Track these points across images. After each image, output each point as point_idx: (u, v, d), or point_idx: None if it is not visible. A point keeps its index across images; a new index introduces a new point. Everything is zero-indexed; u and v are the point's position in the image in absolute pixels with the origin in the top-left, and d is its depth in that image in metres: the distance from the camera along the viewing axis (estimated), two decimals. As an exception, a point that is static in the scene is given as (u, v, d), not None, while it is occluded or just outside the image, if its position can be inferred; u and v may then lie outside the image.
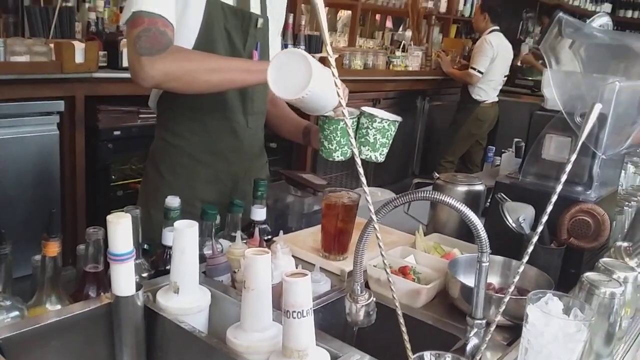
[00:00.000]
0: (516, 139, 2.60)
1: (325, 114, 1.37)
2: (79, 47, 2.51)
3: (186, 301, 1.04)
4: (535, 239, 0.93)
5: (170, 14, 1.31)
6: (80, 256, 1.15)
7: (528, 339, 0.81)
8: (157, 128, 1.58)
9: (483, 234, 0.94)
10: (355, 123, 1.38)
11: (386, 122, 1.37)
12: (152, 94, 1.55)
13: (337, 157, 1.39)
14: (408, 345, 0.84)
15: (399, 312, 0.89)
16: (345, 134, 1.35)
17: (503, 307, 0.92)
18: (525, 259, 0.92)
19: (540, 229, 0.93)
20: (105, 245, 0.97)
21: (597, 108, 0.78)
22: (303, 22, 3.70)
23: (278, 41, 1.68)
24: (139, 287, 0.99)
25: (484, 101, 4.89)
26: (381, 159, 1.39)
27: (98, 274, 1.06)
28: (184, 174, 1.52)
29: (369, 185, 0.82)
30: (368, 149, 1.37)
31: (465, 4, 6.02)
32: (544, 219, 0.92)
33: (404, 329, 0.81)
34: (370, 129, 1.36)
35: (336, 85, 0.70)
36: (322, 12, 0.63)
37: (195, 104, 1.47)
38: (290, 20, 3.51)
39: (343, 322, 1.09)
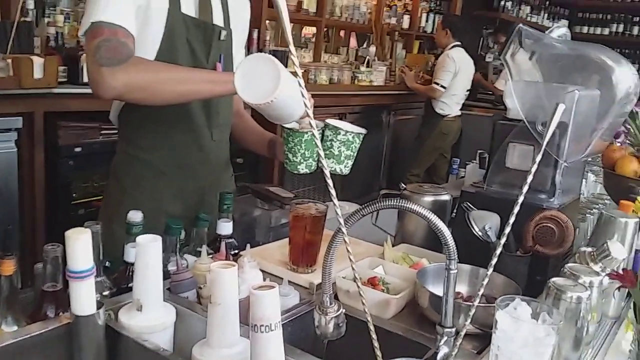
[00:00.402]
0: (479, 151, 2.64)
1: (290, 127, 1.37)
2: (38, 62, 2.45)
3: (150, 319, 1.01)
4: (501, 246, 0.94)
5: (130, 24, 1.28)
6: (38, 275, 1.10)
7: (498, 345, 0.81)
8: (118, 142, 1.54)
9: (450, 241, 0.94)
10: (319, 135, 1.38)
11: (350, 134, 1.37)
12: (112, 107, 1.52)
13: (302, 169, 1.37)
14: (378, 353, 0.83)
15: (370, 323, 0.88)
16: (309, 147, 1.35)
17: (472, 315, 0.92)
18: (493, 262, 0.92)
19: (506, 233, 0.93)
20: (64, 263, 0.94)
21: (561, 108, 0.79)
22: (268, 38, 3.71)
23: (242, 54, 1.66)
24: (99, 305, 0.95)
25: (448, 115, 4.97)
26: (346, 171, 1.39)
27: (57, 293, 1.02)
28: (147, 187, 1.49)
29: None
30: (333, 162, 1.36)
31: (427, 21, 6.13)
32: (510, 225, 0.93)
33: (374, 336, 0.80)
34: (335, 142, 1.35)
35: (301, 86, 0.69)
36: (284, 11, 0.63)
37: (158, 117, 1.45)
38: (255, 36, 3.51)
39: (312, 335, 1.07)
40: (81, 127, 2.70)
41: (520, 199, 0.91)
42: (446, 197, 1.60)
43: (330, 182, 0.78)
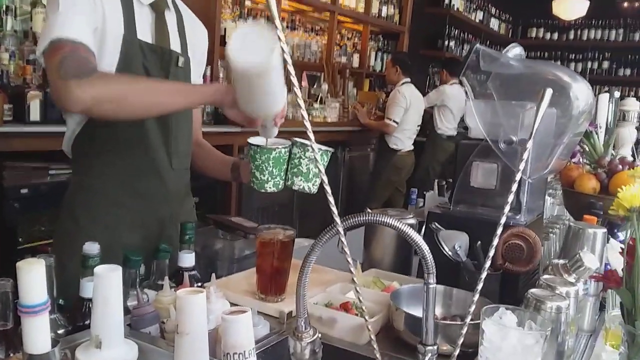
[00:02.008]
0: (437, 179, 2.67)
1: (257, 144, 1.34)
2: (-19, 101, 2.35)
3: (110, 356, 0.93)
4: (487, 265, 0.91)
5: (90, 42, 1.26)
6: (-16, 315, 1.01)
7: (486, 357, 0.78)
8: (72, 173, 1.47)
9: (428, 254, 0.91)
10: (287, 153, 1.36)
11: (319, 151, 1.34)
12: (66, 136, 1.45)
13: (270, 188, 1.34)
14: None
15: (377, 350, 0.83)
16: (277, 164, 1.32)
17: (462, 339, 0.88)
18: (479, 286, 0.90)
19: (491, 254, 0.91)
20: (15, 299, 0.86)
21: (549, 93, 0.79)
22: (221, 75, 3.69)
23: (200, 83, 1.63)
24: (55, 343, 0.87)
25: (401, 150, 5.05)
26: (314, 189, 1.36)
27: (7, 332, 0.94)
28: (103, 219, 1.42)
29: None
30: (301, 179, 1.33)
31: (376, 59, 6.27)
32: (494, 244, 0.91)
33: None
34: (303, 159, 1.33)
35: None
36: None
37: (114, 145, 1.39)
38: (208, 72, 3.49)
39: (286, 365, 1.01)
40: (28, 168, 2.58)
41: (503, 219, 0.90)
42: (412, 221, 1.58)
43: (331, 200, 0.76)
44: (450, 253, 1.34)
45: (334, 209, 0.76)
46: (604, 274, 0.95)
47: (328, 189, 0.76)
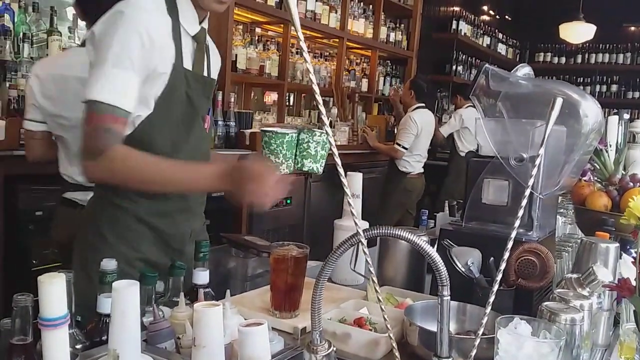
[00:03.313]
0: (447, 200, 2.67)
1: (270, 130, 1.47)
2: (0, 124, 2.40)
3: (128, 370, 0.94)
4: (498, 279, 0.92)
5: (126, 104, 1.31)
6: (4, 330, 1.03)
7: (502, 367, 0.78)
8: (99, 189, 1.52)
9: (442, 267, 0.92)
10: (296, 138, 1.44)
11: (324, 134, 1.46)
12: None
13: (283, 170, 1.44)
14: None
15: (397, 351, 0.84)
16: (290, 148, 1.46)
17: (474, 352, 0.89)
18: (491, 299, 0.90)
19: (500, 272, 0.92)
20: (35, 314, 0.88)
21: (559, 102, 0.81)
22: (232, 99, 3.74)
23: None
24: (73, 357, 0.89)
25: (411, 172, 5.06)
26: (321, 170, 1.48)
27: (26, 347, 0.95)
28: (128, 235, 1.47)
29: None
30: (310, 161, 1.49)
31: (384, 84, 6.33)
32: (503, 264, 0.92)
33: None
34: (311, 142, 1.52)
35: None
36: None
37: None
38: (220, 98, 3.54)
39: (301, 380, 1.02)
40: (42, 190, 2.60)
41: (513, 234, 0.91)
42: (425, 238, 1.59)
43: (351, 201, 0.83)
44: (463, 269, 1.35)
45: (354, 211, 0.78)
46: (617, 283, 0.96)
47: (348, 191, 0.79)
